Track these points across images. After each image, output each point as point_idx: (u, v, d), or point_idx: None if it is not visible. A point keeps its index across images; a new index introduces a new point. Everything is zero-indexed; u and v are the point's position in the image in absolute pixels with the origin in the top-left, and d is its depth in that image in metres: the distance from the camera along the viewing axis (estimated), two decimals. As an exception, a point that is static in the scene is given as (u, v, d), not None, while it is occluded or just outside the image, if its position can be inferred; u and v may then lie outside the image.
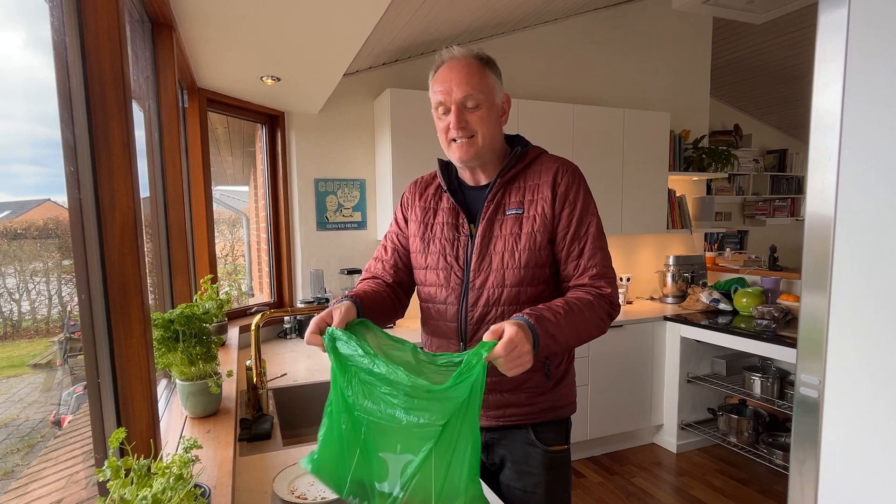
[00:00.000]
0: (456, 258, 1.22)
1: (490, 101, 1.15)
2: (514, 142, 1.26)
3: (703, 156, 3.81)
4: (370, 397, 0.86)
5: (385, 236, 1.37)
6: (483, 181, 1.24)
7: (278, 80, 2.19)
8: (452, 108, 1.13)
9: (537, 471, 1.21)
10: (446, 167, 1.29)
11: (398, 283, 1.31)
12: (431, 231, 1.27)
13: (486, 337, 0.87)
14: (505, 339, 0.86)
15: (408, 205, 1.33)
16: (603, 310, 1.10)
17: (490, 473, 1.28)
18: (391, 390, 0.84)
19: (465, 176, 1.26)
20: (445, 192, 1.25)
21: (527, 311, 0.99)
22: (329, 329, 0.93)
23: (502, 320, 1.15)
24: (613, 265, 1.18)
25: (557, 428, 1.25)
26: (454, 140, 1.16)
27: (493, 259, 1.18)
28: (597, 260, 1.14)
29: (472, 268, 1.20)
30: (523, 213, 1.18)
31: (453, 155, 1.19)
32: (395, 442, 0.85)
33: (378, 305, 1.17)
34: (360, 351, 0.87)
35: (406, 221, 1.33)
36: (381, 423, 0.85)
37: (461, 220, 1.23)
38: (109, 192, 0.87)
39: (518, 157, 1.21)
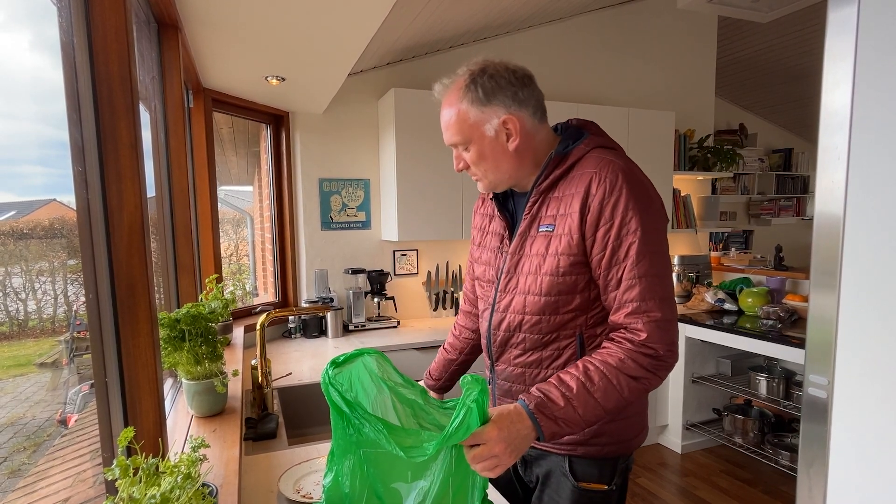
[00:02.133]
0: (497, 272, 1.13)
1: (478, 138, 1.02)
2: (567, 134, 1.08)
3: (708, 155, 3.80)
4: (373, 431, 0.80)
5: None
6: (527, 188, 1.10)
7: (283, 80, 2.20)
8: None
9: None
10: None
11: None
12: (485, 239, 1.19)
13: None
14: (483, 450, 0.79)
15: (475, 212, 1.27)
16: (638, 364, 0.92)
17: (528, 490, 1.19)
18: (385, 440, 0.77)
19: None
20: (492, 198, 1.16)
21: (535, 389, 0.90)
22: (325, 373, 0.82)
23: (524, 346, 1.10)
24: None
25: (601, 464, 1.08)
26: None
27: (520, 281, 1.07)
28: (635, 293, 0.93)
29: (499, 287, 1.11)
30: (553, 230, 1.02)
31: None
32: (406, 470, 0.81)
33: (452, 369, 1.35)
34: (347, 410, 0.79)
35: (475, 231, 1.27)
36: (385, 455, 0.80)
37: (505, 231, 1.13)
38: (117, 193, 0.87)
39: (556, 161, 1.04)
